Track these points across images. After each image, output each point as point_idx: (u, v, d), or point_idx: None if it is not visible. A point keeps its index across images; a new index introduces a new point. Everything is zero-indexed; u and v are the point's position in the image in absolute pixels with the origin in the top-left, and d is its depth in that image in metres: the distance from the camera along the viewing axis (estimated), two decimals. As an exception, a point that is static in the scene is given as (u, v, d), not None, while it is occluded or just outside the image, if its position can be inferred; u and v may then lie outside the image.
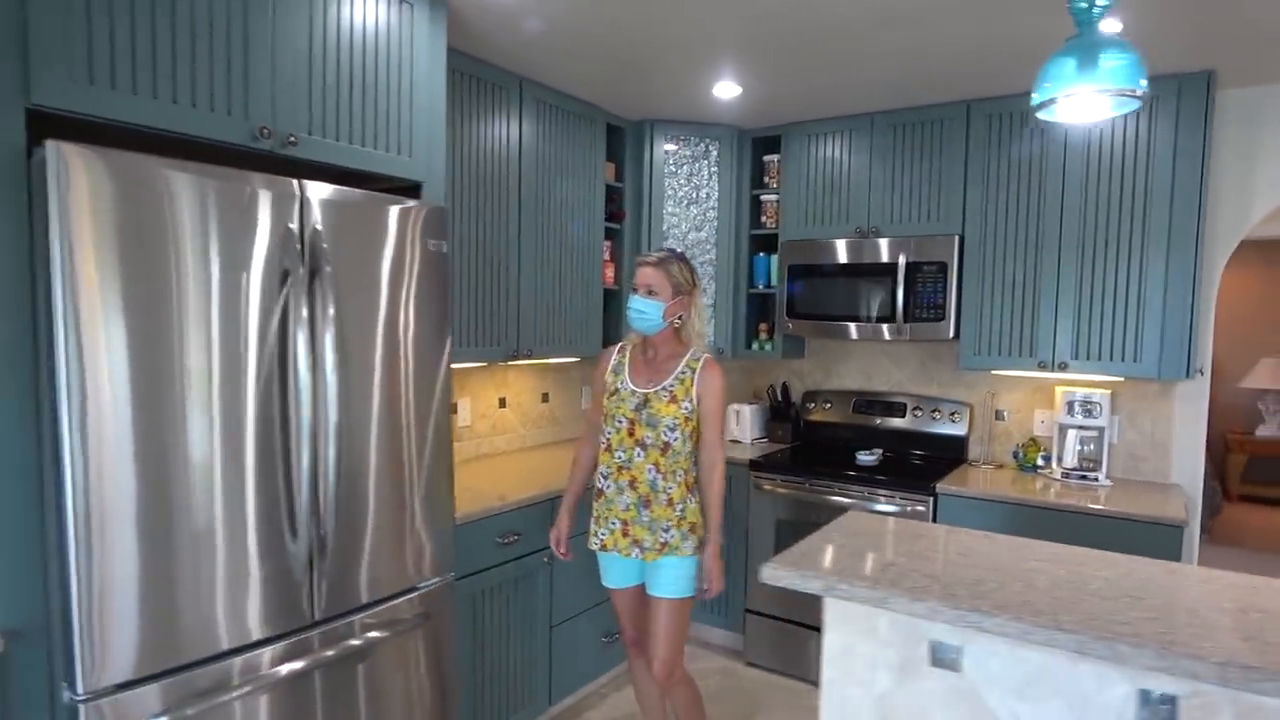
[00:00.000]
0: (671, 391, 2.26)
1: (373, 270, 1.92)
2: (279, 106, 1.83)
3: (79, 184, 1.41)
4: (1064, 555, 1.90)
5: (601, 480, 2.35)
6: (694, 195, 3.75)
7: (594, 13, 2.39)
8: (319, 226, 1.79)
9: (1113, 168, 2.91)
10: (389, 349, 1.97)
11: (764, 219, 3.83)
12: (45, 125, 1.47)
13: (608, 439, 2.33)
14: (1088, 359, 2.99)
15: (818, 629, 1.82)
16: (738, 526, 3.48)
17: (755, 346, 3.89)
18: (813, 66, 2.86)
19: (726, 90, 3.17)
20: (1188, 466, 3.12)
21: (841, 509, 3.17)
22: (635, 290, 2.29)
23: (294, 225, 1.74)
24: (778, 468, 3.42)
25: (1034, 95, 1.77)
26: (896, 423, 3.68)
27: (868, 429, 3.74)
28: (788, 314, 3.64)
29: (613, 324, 3.61)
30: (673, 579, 2.28)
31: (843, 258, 3.46)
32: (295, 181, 1.75)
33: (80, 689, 1.46)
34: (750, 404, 3.98)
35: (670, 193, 3.71)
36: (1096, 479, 3.05)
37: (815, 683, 3.19)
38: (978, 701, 1.58)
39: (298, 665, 1.77)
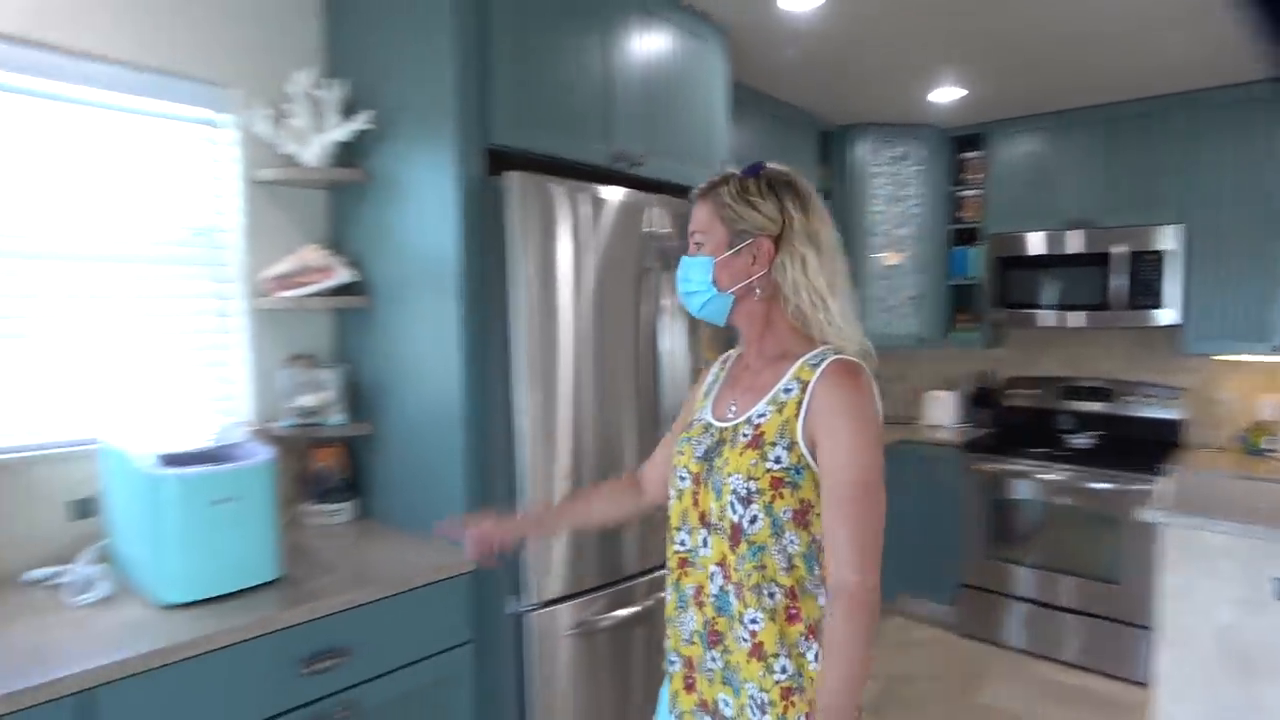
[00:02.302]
0: (757, 427, 1.19)
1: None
2: (629, 134, 2.19)
3: (526, 203, 1.80)
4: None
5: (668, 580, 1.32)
6: (896, 194, 3.97)
7: (843, 40, 2.69)
8: (666, 230, 2.15)
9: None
10: (714, 336, 2.31)
11: (962, 213, 4.01)
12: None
13: (669, 508, 1.32)
14: (1323, 342, 3.05)
15: (1032, 600, 2.08)
16: (949, 506, 3.68)
17: (956, 335, 4.07)
18: (1034, 75, 3.06)
19: (945, 95, 3.39)
20: None
21: (1057, 488, 3.34)
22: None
23: (648, 229, 2.10)
24: (991, 449, 3.61)
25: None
26: (1104, 408, 3.79)
27: (1073, 414, 3.86)
28: (993, 304, 3.81)
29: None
30: None
31: (1051, 249, 3.61)
32: (649, 195, 2.12)
33: (524, 602, 1.86)
34: (948, 392, 4.17)
35: (875, 192, 3.95)
36: (1331, 460, 3.10)
37: (1034, 653, 3.39)
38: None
39: (651, 600, 2.13)
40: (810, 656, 1.16)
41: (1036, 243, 3.66)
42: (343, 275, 2.03)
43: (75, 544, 1.77)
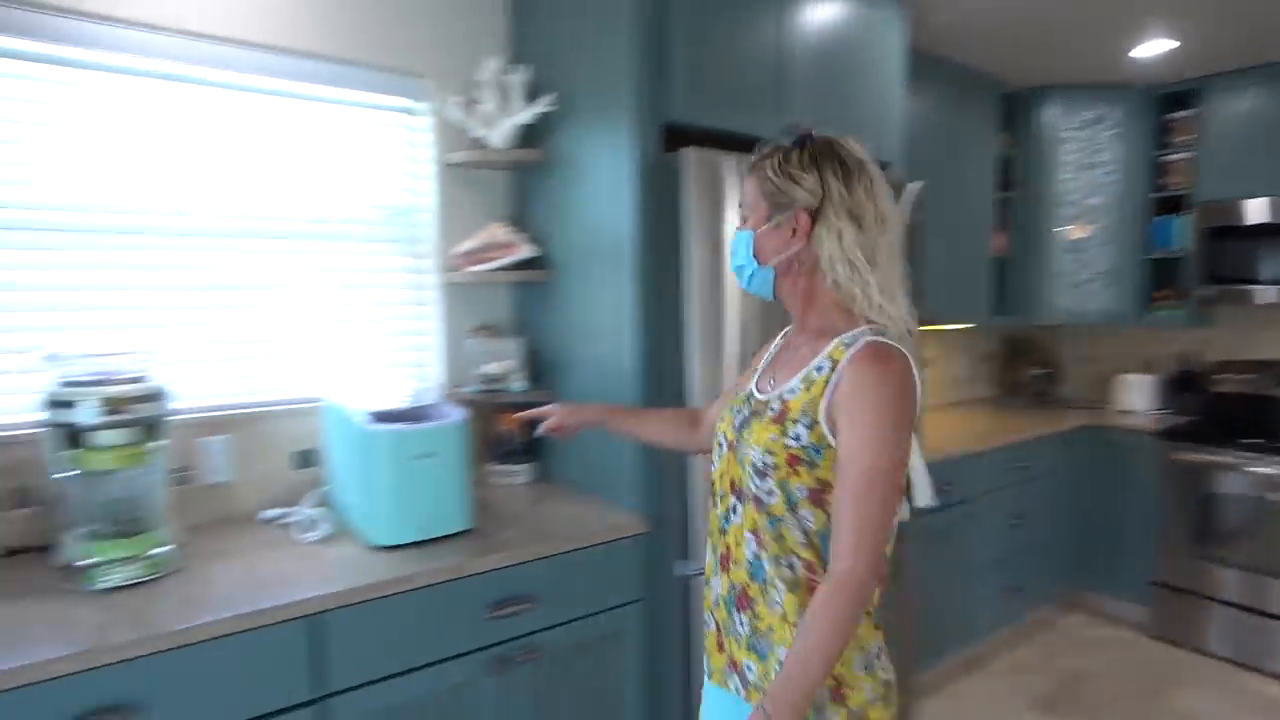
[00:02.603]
0: (785, 403, 1.18)
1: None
2: (802, 106, 2.17)
3: (699, 179, 1.83)
4: None
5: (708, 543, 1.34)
6: (1088, 160, 3.67)
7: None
8: (839, 204, 2.11)
9: None
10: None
11: (1166, 180, 3.65)
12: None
13: (710, 473, 1.33)
14: None
15: (1239, 605, 1.83)
16: (1140, 497, 3.40)
17: (1154, 314, 3.73)
18: (1261, 19, 2.71)
19: (1151, 49, 3.09)
20: None
21: (1273, 483, 3.00)
22: None
23: (821, 204, 2.08)
24: (1195, 438, 3.29)
25: None
26: (1336, 396, 3.35)
27: (1297, 402, 3.45)
28: (1201, 279, 3.45)
29: (1001, 294, 3.67)
30: None
31: (1275, 217, 3.22)
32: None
33: (691, 567, 1.92)
34: (1143, 375, 3.83)
35: (1063, 159, 3.67)
36: None
37: (1238, 662, 3.08)
38: None
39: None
40: None
41: (1257, 210, 3.27)
42: (525, 251, 2.15)
43: (298, 489, 2.01)
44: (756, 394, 1.25)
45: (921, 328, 2.45)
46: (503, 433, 2.24)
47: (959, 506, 2.90)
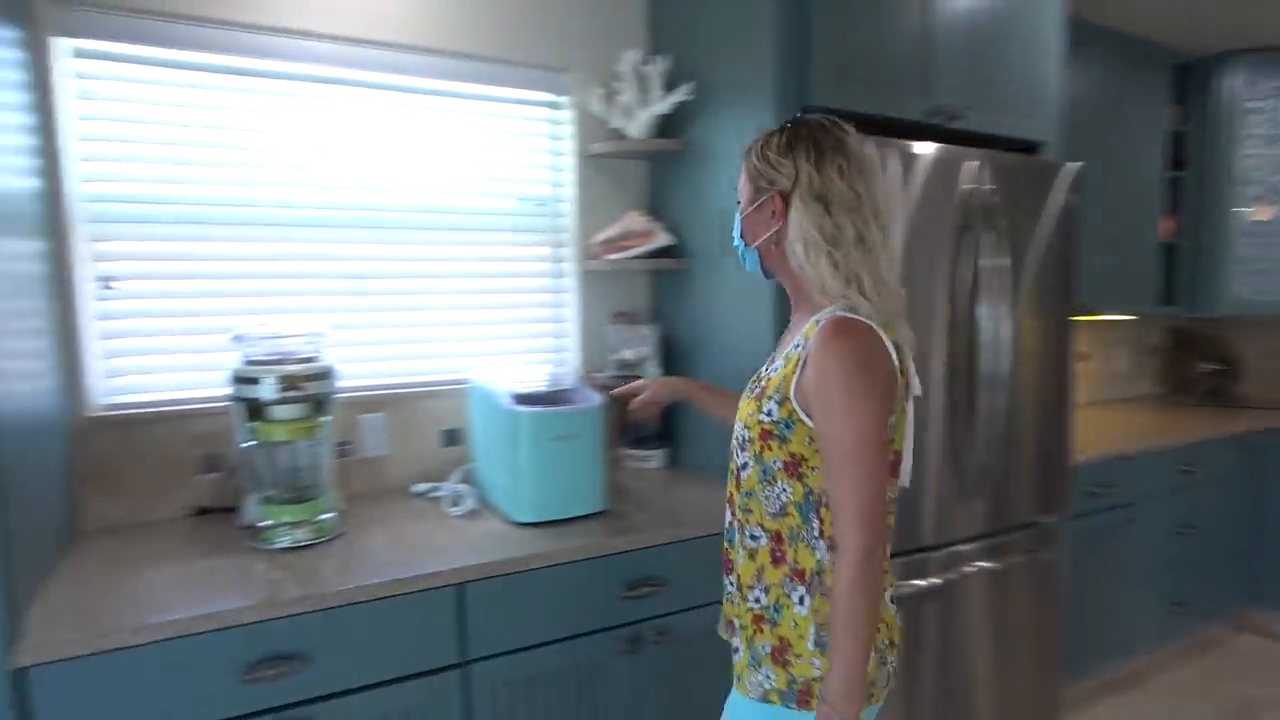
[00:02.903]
0: (769, 379, 1.24)
1: (1025, 226, 2.10)
2: (949, 86, 2.08)
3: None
4: None
5: None
6: (1278, 133, 3.31)
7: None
8: (990, 186, 2.01)
9: None
10: (1033, 299, 2.14)
11: (1376, 154, 3.24)
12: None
13: None
14: None
15: None
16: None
17: (1357, 306, 3.33)
18: None
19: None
20: None
21: None
22: None
23: (971, 186, 1.98)
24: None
25: None
26: None
27: None
28: None
29: (1171, 282, 3.38)
30: None
31: None
32: (971, 149, 1.99)
33: (826, 558, 1.89)
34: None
35: (1248, 133, 3.32)
36: None
37: None
38: None
39: (951, 574, 2.05)
40: (794, 599, 1.21)
41: None
42: (662, 239, 2.17)
43: (445, 465, 2.13)
44: (761, 371, 1.31)
45: (1077, 318, 2.31)
46: (637, 418, 2.28)
47: (1116, 511, 2.71)
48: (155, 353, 1.86)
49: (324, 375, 1.69)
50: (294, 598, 1.40)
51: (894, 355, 1.15)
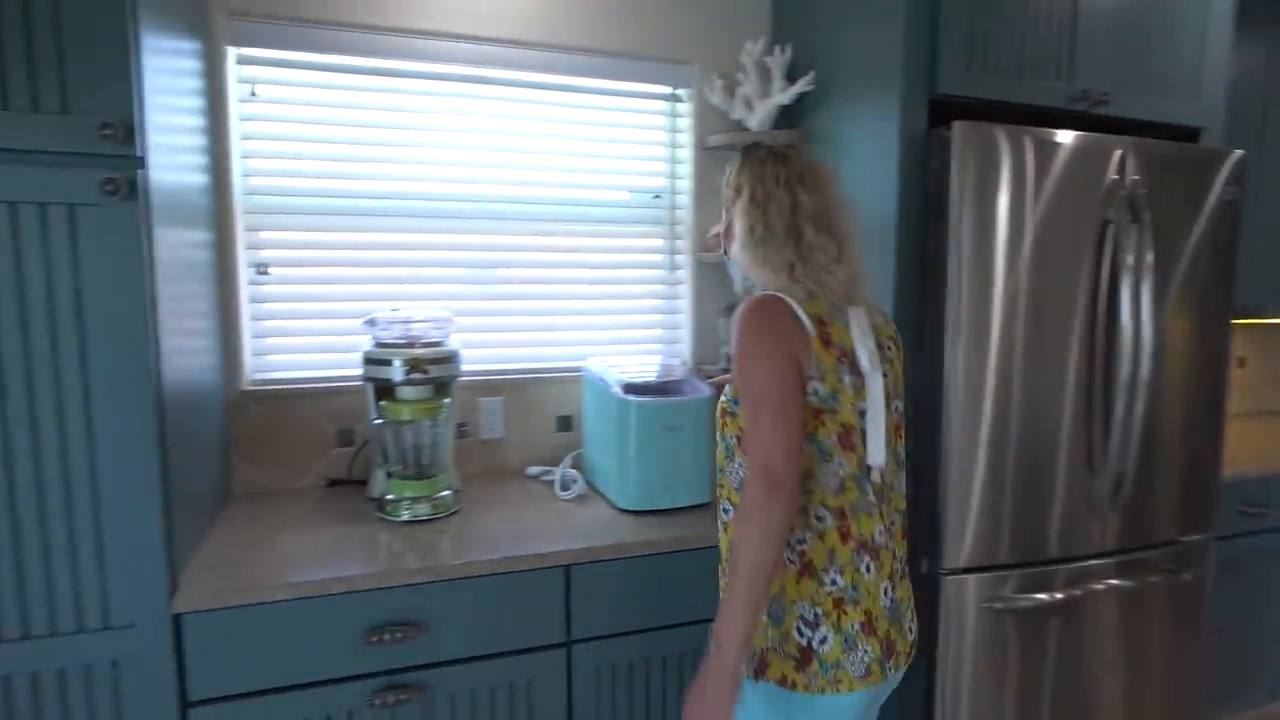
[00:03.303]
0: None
1: (1177, 220, 1.94)
2: (1093, 69, 1.94)
3: (970, 155, 1.72)
4: None
5: None
6: None
7: None
8: (1137, 177, 1.87)
9: None
10: (1184, 299, 1.97)
11: None
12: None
13: None
14: None
15: None
16: None
17: None
18: None
19: None
20: None
21: None
22: None
23: (1115, 176, 1.85)
24: None
25: None
26: None
27: None
28: None
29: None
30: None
31: None
32: (1117, 137, 1.86)
33: (943, 564, 1.82)
34: None
35: None
36: None
37: None
38: None
39: (1077, 590, 1.93)
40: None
41: None
42: (778, 231, 2.15)
43: (557, 450, 2.19)
44: None
45: (1237, 320, 2.11)
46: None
47: (1273, 534, 2.47)
48: (298, 334, 2.02)
49: (448, 359, 1.78)
50: (414, 568, 1.50)
51: (807, 325, 1.20)
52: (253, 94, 1.91)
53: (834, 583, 1.23)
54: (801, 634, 1.23)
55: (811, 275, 1.26)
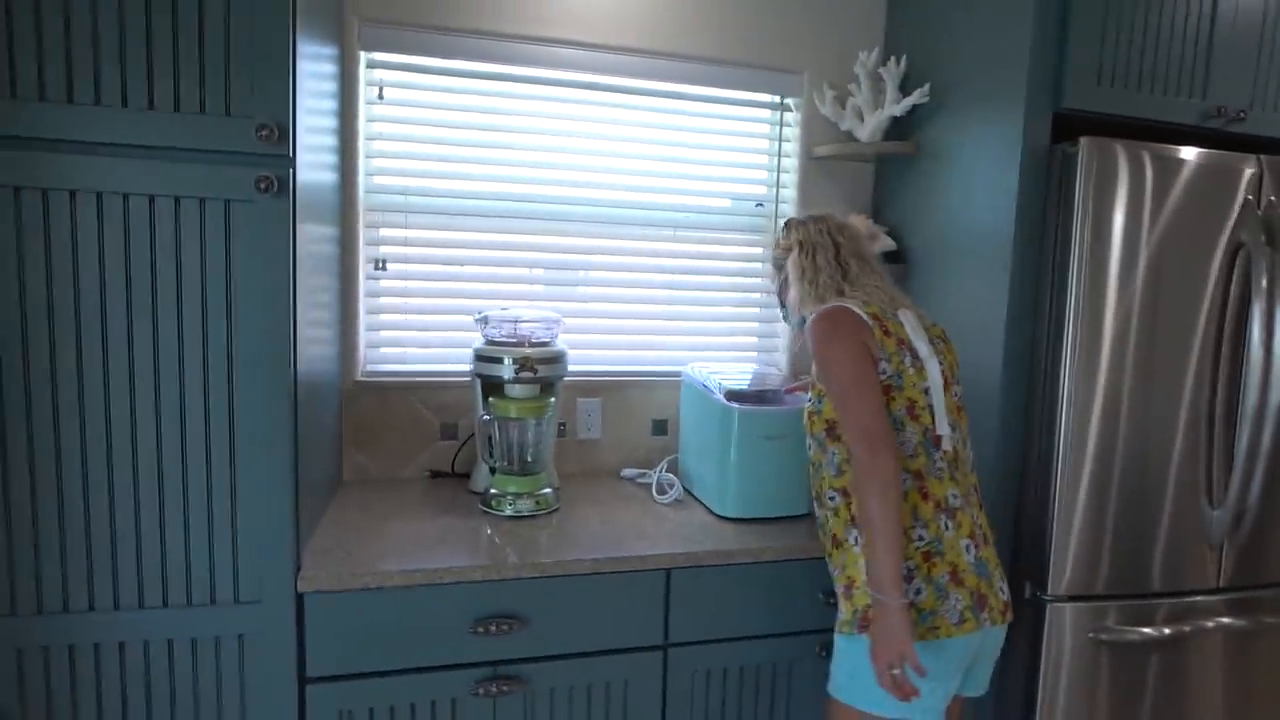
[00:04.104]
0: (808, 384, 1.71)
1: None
2: (1229, 84, 1.86)
3: (1095, 171, 1.67)
4: None
5: None
6: None
7: None
8: (1274, 197, 1.78)
9: None
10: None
11: None
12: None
13: None
14: None
15: None
16: None
17: None
18: None
19: None
20: None
21: None
22: None
23: (1249, 197, 1.77)
24: None
25: None
26: None
27: None
28: None
29: None
30: (833, 669, 1.50)
31: None
32: (1250, 156, 1.78)
33: (1046, 591, 1.77)
34: None
35: None
36: None
37: None
38: None
39: (1185, 627, 1.84)
40: (852, 540, 1.45)
41: None
42: (887, 243, 2.12)
43: (651, 453, 2.21)
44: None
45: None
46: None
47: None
48: (408, 328, 2.09)
49: (556, 359, 1.82)
50: (521, 562, 1.53)
51: (867, 319, 1.42)
52: (380, 96, 1.99)
53: (920, 538, 1.39)
54: None
55: (860, 292, 1.50)
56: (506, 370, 1.78)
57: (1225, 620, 1.88)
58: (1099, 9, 1.74)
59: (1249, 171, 1.78)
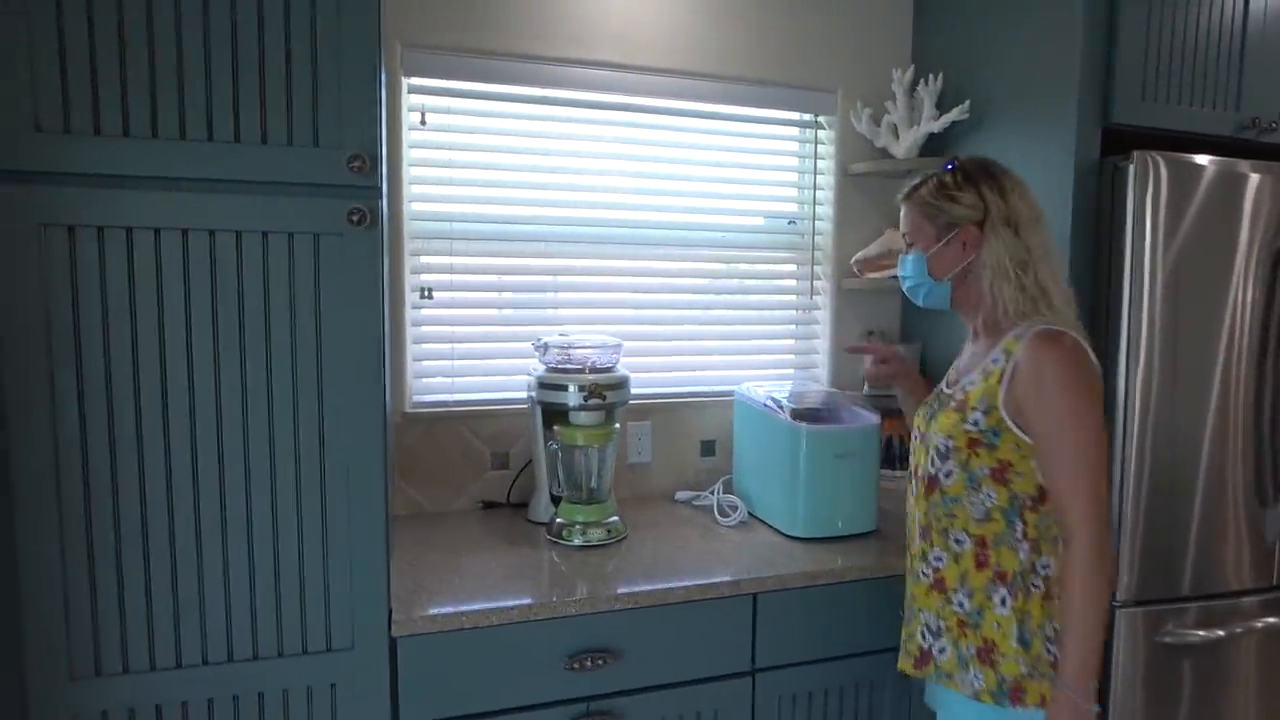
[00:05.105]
0: (966, 393, 1.32)
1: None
2: (1263, 95, 1.93)
3: (1146, 186, 1.71)
4: None
5: None
6: None
7: None
8: (1310, 207, 1.85)
9: None
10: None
11: None
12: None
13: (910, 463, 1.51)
14: None
15: None
16: None
17: None
18: None
19: None
20: None
21: None
22: None
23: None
24: None
25: None
26: None
27: None
28: None
29: None
30: None
31: None
32: (1287, 167, 1.84)
33: (1116, 598, 1.80)
34: None
35: None
36: None
37: None
38: None
39: (1254, 624, 1.89)
40: (996, 601, 1.29)
41: None
42: (928, 258, 2.15)
43: (700, 475, 2.20)
44: (944, 389, 1.42)
45: None
46: (889, 437, 2.26)
47: None
48: (455, 357, 2.04)
49: (621, 384, 1.80)
50: (616, 595, 1.50)
51: (1094, 360, 1.25)
52: (422, 121, 1.95)
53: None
54: (1049, 650, 1.28)
55: (1062, 300, 1.31)
56: (572, 397, 1.75)
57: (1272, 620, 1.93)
58: (1141, 24, 1.79)
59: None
